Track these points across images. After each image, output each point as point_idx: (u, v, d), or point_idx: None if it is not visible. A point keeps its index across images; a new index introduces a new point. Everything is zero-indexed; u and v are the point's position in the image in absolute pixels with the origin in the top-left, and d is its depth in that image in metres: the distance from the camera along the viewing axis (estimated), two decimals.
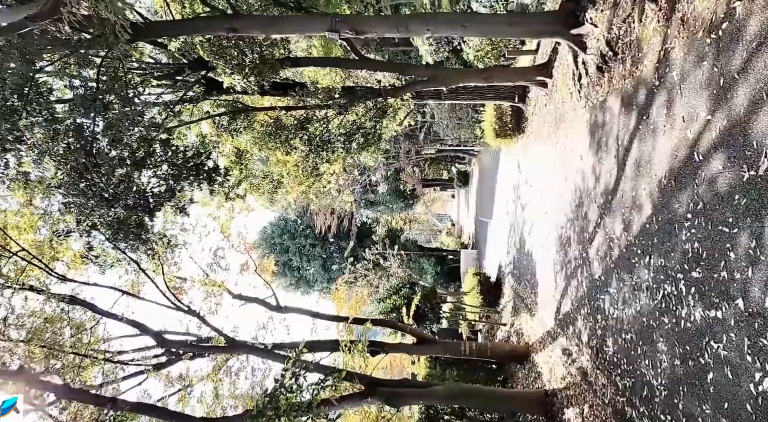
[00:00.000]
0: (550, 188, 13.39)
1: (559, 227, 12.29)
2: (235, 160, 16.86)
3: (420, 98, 16.31)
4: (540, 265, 14.61)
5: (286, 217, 39.46)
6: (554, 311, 12.72)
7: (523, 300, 17.06)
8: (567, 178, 11.65)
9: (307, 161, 14.50)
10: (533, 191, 15.90)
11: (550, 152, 13.59)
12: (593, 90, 9.84)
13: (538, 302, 14.85)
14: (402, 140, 31.68)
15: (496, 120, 17.74)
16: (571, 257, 11.23)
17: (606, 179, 8.97)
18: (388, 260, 25.00)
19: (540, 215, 14.71)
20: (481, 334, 23.56)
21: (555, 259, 12.68)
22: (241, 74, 12.51)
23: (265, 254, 38.01)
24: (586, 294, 10.01)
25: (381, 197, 41.14)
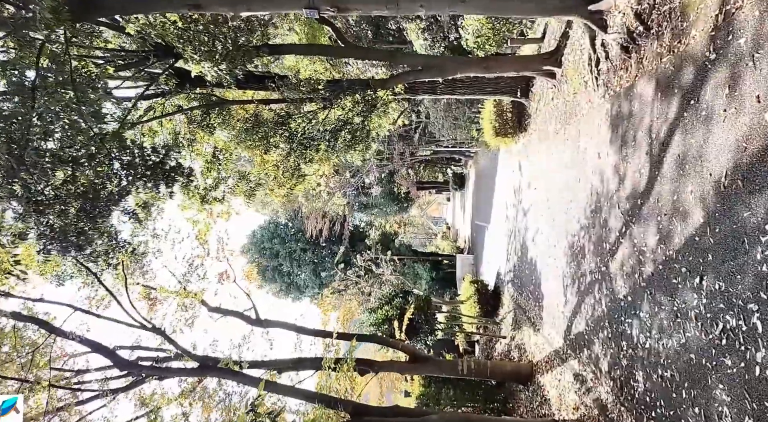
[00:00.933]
0: (558, 192, 11.85)
1: (570, 234, 10.74)
2: (212, 160, 15.24)
3: (413, 93, 14.76)
4: (546, 276, 13.06)
5: (277, 221, 37.81)
6: (564, 329, 11.16)
7: (526, 313, 15.51)
8: (580, 179, 10.10)
9: (287, 160, 12.91)
10: (537, 195, 14.37)
11: (558, 151, 12.06)
12: (615, 76, 8.30)
13: (543, 316, 13.30)
14: (396, 141, 30.14)
15: (495, 117, 16.21)
16: (585, 269, 9.68)
17: (634, 180, 7.42)
18: (381, 267, 23.43)
19: (546, 220, 13.17)
20: (479, 346, 21.98)
21: (565, 271, 11.13)
22: (211, 61, 10.94)
23: (254, 260, 36.34)
24: (606, 315, 8.45)
25: (375, 200, 39.56)
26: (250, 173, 14.06)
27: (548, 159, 13.07)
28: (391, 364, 14.08)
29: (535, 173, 14.80)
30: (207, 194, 15.57)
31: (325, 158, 13.02)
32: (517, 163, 17.69)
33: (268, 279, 36.33)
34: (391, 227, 43.76)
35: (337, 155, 12.55)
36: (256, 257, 36.09)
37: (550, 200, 12.76)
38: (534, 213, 14.80)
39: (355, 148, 12.32)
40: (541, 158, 13.92)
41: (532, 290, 14.66)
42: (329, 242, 36.17)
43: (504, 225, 20.52)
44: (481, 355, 21.04)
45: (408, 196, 40.24)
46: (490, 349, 20.14)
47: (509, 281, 18.92)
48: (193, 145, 15.36)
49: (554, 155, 12.42)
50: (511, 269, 18.62)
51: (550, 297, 12.62)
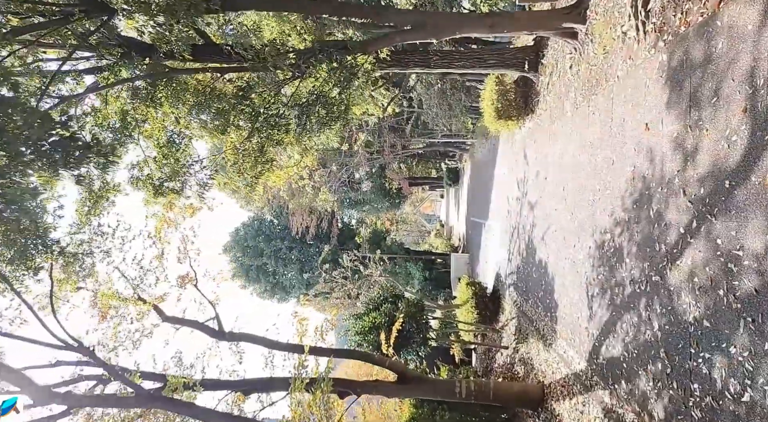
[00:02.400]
0: (579, 179, 9.49)
1: (599, 232, 8.38)
2: (165, 143, 12.75)
3: (403, 66, 12.33)
4: (561, 282, 10.71)
5: (262, 218, 35.29)
6: (588, 349, 8.82)
7: (533, 323, 13.17)
8: (615, 161, 7.73)
9: (249, 142, 10.47)
10: (548, 185, 12.01)
11: (579, 130, 9.69)
12: (678, 12, 5.92)
13: (557, 330, 10.96)
14: (386, 133, 27.71)
15: (498, 97, 13.82)
16: (623, 277, 7.31)
17: (716, 153, 5.05)
18: (369, 267, 21.03)
19: (561, 215, 10.81)
20: (476, 356, 19.65)
21: (590, 277, 8.77)
22: (146, 14, 8.51)
23: (237, 259, 33.82)
24: (661, 342, 6.09)
25: (365, 196, 37.13)
26: (203, 159, 11.60)
27: (564, 142, 10.69)
28: (377, 385, 11.69)
29: (545, 160, 12.44)
30: (162, 184, 13.12)
31: (297, 140, 10.58)
32: (521, 151, 15.32)
33: (251, 279, 33.83)
34: (382, 225, 41.35)
35: (310, 135, 10.12)
36: (239, 255, 33.58)
37: (566, 190, 10.40)
38: (544, 207, 12.44)
39: (331, 125, 9.89)
40: (554, 141, 11.56)
41: (542, 297, 12.31)
42: (317, 240, 33.73)
43: (505, 222, 18.17)
44: (480, 367, 18.71)
45: (400, 192, 37.82)
46: (490, 360, 17.80)
47: (511, 285, 16.58)
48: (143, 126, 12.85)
49: (573, 136, 10.05)
50: (514, 271, 16.28)
51: (567, 308, 10.27)
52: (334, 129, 10.10)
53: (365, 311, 17.66)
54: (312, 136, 10.10)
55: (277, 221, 35.19)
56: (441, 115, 23.29)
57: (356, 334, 16.54)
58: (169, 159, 13.04)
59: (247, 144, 10.50)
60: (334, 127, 10.05)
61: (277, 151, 11.86)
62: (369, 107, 19.95)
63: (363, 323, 16.65)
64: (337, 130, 10.18)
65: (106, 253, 13.46)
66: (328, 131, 10.06)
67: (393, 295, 18.12)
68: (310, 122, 9.99)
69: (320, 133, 10.08)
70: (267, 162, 11.23)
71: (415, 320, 16.10)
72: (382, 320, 16.41)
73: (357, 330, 16.58)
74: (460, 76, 21.57)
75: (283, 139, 10.61)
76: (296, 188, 27.14)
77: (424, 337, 16.02)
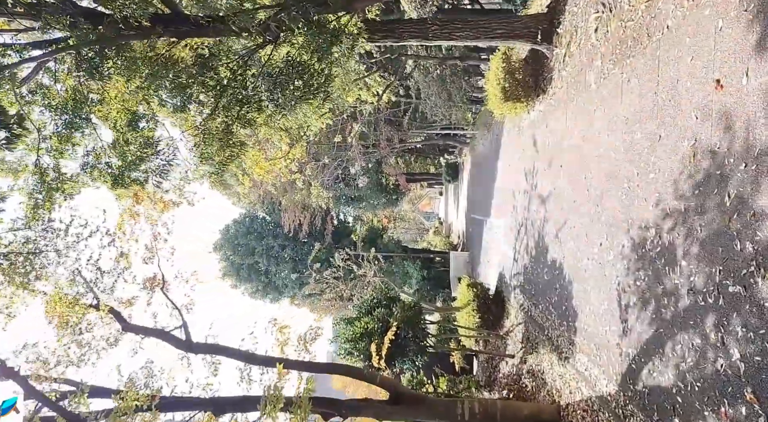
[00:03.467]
0: (608, 164, 7.73)
1: (638, 227, 6.62)
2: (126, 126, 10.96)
3: (397, 37, 10.56)
4: (582, 287, 8.95)
5: (254, 214, 33.51)
6: (621, 371, 7.07)
7: (545, 331, 11.43)
8: (664, 136, 5.97)
9: (213, 120, 8.70)
10: (565, 175, 10.25)
11: (608, 104, 7.93)
12: None
13: (576, 342, 9.21)
14: (382, 125, 25.94)
15: (505, 76, 12.04)
16: (677, 286, 5.56)
17: None
18: (363, 267, 19.27)
19: (581, 208, 9.06)
20: (478, 363, 17.92)
21: (623, 283, 7.02)
22: None
23: (227, 257, 32.05)
24: (745, 378, 4.34)
25: (361, 192, 35.34)
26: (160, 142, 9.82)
27: (586, 122, 8.93)
28: (366, 405, 9.95)
29: (560, 146, 10.68)
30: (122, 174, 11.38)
31: (270, 119, 8.81)
32: (530, 139, 13.56)
33: (243, 279, 32.07)
34: (379, 222, 39.58)
35: (284, 113, 8.35)
36: (230, 254, 31.82)
37: (590, 178, 8.64)
38: (558, 200, 10.69)
39: (309, 100, 8.12)
40: (573, 123, 9.80)
41: (556, 303, 10.57)
42: (311, 237, 31.98)
43: (510, 218, 16.41)
44: (482, 376, 16.98)
45: (397, 188, 36.02)
46: (493, 369, 16.07)
47: (517, 287, 14.84)
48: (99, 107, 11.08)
49: (599, 113, 8.29)
50: (521, 271, 14.53)
51: (589, 317, 8.51)
52: (313, 105, 8.32)
53: (357, 316, 15.93)
54: (287, 113, 8.32)
55: (269, 218, 33.45)
56: (440, 105, 21.53)
57: (346, 341, 14.78)
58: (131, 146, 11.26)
59: (211, 124, 8.74)
60: (312, 102, 8.28)
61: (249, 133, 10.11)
62: (361, 92, 18.19)
63: (354, 329, 14.90)
64: (316, 106, 8.40)
65: (58, 252, 11.73)
66: (306, 107, 8.28)
67: (387, 297, 16.37)
68: (284, 95, 8.22)
69: (297, 109, 8.30)
70: (236, 146, 9.45)
71: (411, 325, 14.35)
72: (375, 325, 14.67)
73: (347, 337, 14.82)
74: (461, 61, 19.81)
75: (254, 118, 8.85)
76: (287, 183, 25.39)
77: (421, 345, 14.28)
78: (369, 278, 19.41)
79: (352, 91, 18.32)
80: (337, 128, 23.37)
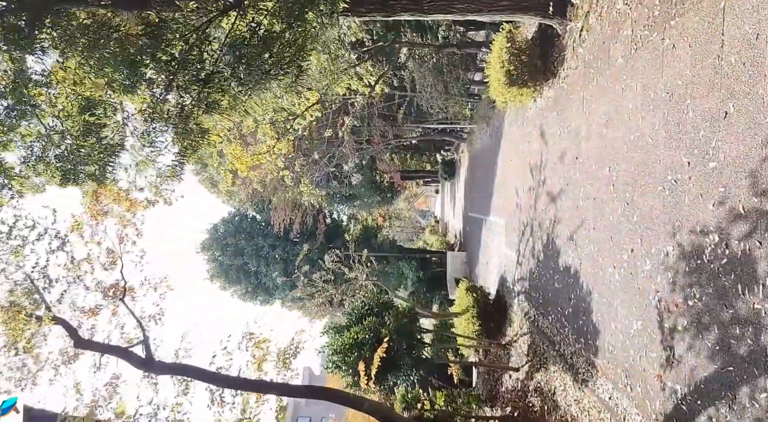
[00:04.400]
0: (644, 153, 6.25)
1: (689, 230, 5.14)
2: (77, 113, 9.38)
3: (388, 10, 9.04)
4: (606, 299, 7.47)
5: (242, 213, 31.93)
6: (663, 409, 5.59)
7: (555, 346, 9.97)
8: (732, 112, 4.49)
9: (161, 104, 7.18)
10: (582, 168, 8.77)
11: (642, 79, 6.43)
12: None
13: (597, 364, 7.75)
14: (376, 119, 24.40)
15: (509, 58, 10.54)
16: (758, 313, 4.09)
17: None
18: (354, 270, 17.77)
19: (603, 206, 7.59)
20: (477, 374, 16.45)
21: (667, 300, 5.54)
22: None
23: (215, 258, 30.48)
24: None
25: (355, 190, 33.79)
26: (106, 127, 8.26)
27: (611, 103, 7.44)
28: None
29: (575, 136, 9.19)
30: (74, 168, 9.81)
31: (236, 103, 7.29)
32: (536, 130, 12.08)
33: (231, 280, 30.51)
34: (374, 221, 38.05)
35: (249, 93, 6.83)
36: (218, 254, 30.24)
37: (616, 171, 7.15)
38: (573, 197, 9.20)
39: (279, 76, 6.61)
40: (592, 107, 8.31)
41: (571, 315, 9.10)
42: (303, 237, 30.44)
43: (512, 217, 14.94)
44: (483, 389, 15.51)
45: (392, 186, 34.49)
46: (495, 382, 14.60)
47: (521, 293, 13.38)
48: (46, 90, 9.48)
49: (629, 92, 6.80)
50: (525, 276, 13.07)
51: (617, 337, 7.04)
52: (284, 82, 6.79)
53: (347, 324, 14.44)
54: (252, 93, 6.80)
55: (260, 217, 31.89)
56: (436, 96, 20.02)
57: (334, 353, 13.25)
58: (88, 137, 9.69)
59: (164, 107, 7.22)
60: (283, 79, 6.76)
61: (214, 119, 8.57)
62: (351, 81, 16.66)
63: (343, 339, 13.39)
64: (288, 84, 6.88)
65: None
66: (275, 86, 6.76)
67: (380, 304, 14.87)
68: (249, 71, 6.69)
69: (264, 88, 6.78)
70: (198, 134, 7.91)
71: (406, 336, 12.87)
72: (366, 336, 13.17)
73: (335, 348, 13.30)
74: (458, 49, 18.30)
75: (217, 100, 7.32)
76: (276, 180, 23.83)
77: (416, 360, 12.79)
78: (361, 282, 17.90)
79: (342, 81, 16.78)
80: (327, 122, 21.83)
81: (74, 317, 12.12)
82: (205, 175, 31.01)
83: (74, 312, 12.25)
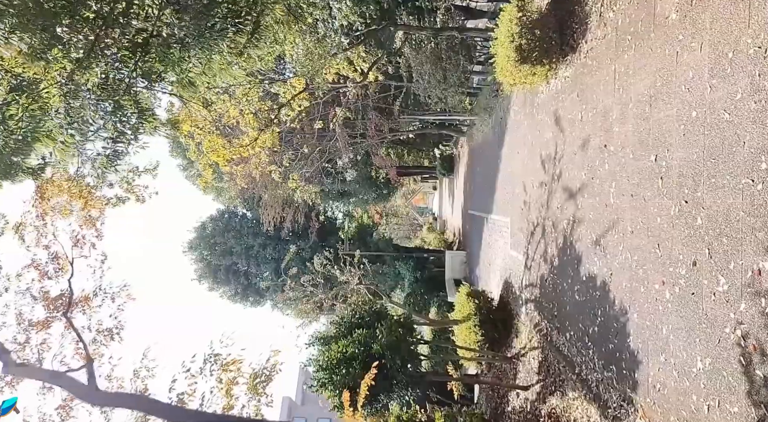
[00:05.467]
0: (717, 135, 4.60)
1: None
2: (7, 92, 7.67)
3: None
4: (651, 322, 5.83)
5: (232, 211, 30.24)
6: None
7: (576, 369, 8.34)
8: None
9: (88, 72, 5.52)
10: (613, 158, 7.11)
11: (711, 35, 4.78)
12: None
13: (636, 401, 6.12)
14: (370, 110, 22.71)
15: (521, 31, 8.87)
16: None
17: None
18: (345, 273, 16.13)
19: (644, 204, 5.93)
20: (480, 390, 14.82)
21: (758, 337, 3.89)
22: None
23: (203, 257, 28.81)
24: None
25: (350, 186, 32.11)
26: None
27: (661, 71, 5.78)
28: None
29: (604, 118, 7.54)
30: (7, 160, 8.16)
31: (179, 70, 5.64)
32: (551, 115, 10.41)
33: (220, 281, 28.85)
34: (370, 219, 36.38)
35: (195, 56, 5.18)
36: (206, 254, 28.57)
37: (665, 159, 5.49)
38: (599, 193, 7.55)
39: (228, 34, 4.96)
40: (632, 79, 6.64)
41: (597, 335, 7.46)
42: (295, 236, 28.80)
43: (520, 216, 13.30)
44: (486, 407, 13.89)
45: (389, 182, 32.81)
46: (500, 399, 12.98)
47: (530, 302, 11.76)
48: None
49: (693, 52, 5.14)
50: (536, 282, 11.44)
51: (668, 373, 5.40)
52: (238, 43, 5.13)
53: (335, 334, 12.82)
54: (196, 56, 5.14)
55: (250, 215, 30.22)
56: (434, 84, 18.31)
57: (320, 369, 11.61)
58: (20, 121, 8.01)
59: (86, 77, 5.57)
60: (236, 39, 5.10)
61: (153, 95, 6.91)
62: (341, 65, 14.97)
63: (330, 353, 11.73)
64: (243, 45, 5.21)
65: None
66: (224, 47, 5.10)
67: (372, 312, 13.23)
68: (194, 27, 5.02)
69: (212, 49, 5.12)
70: (139, 114, 6.24)
71: (400, 351, 11.24)
72: (355, 350, 11.54)
73: (321, 363, 11.64)
74: (459, 32, 16.58)
75: (155, 67, 5.66)
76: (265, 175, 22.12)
77: (411, 379, 11.14)
78: (352, 286, 16.27)
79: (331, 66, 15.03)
80: (317, 114, 20.13)
81: (20, 331, 10.46)
82: (193, 171, 29.31)
83: (20, 325, 10.60)
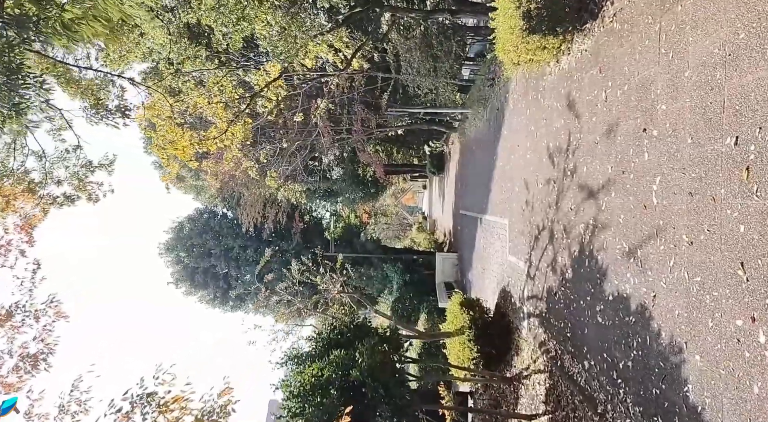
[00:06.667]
0: None
1: None
2: None
3: None
4: (723, 371, 4.12)
5: (211, 210, 28.27)
6: None
7: (598, 409, 6.63)
8: None
9: None
10: (657, 146, 5.40)
11: None
12: None
13: None
14: (356, 103, 20.91)
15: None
16: None
17: None
18: (326, 281, 14.34)
19: (712, 206, 4.22)
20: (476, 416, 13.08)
21: None
22: None
23: (179, 260, 26.81)
24: None
25: (337, 184, 30.26)
26: None
27: (740, 19, 4.08)
28: None
29: (644, 94, 5.82)
30: None
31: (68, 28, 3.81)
32: (562, 99, 8.70)
33: (197, 284, 26.88)
34: (357, 218, 34.58)
35: None
36: (183, 256, 26.57)
37: (749, 140, 3.79)
38: (635, 191, 5.84)
39: None
40: (691, 38, 4.94)
41: (633, 374, 5.75)
42: (277, 237, 26.92)
43: (520, 217, 11.60)
44: None
45: (377, 181, 31.02)
46: None
47: (534, 316, 10.07)
48: None
49: None
50: (541, 295, 9.73)
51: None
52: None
53: (310, 352, 11.07)
54: None
55: (231, 214, 28.27)
56: (424, 73, 16.57)
57: (292, 396, 9.80)
58: None
59: None
60: None
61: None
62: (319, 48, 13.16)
63: (303, 377, 9.94)
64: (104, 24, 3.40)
65: None
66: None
67: (352, 327, 11.46)
68: None
69: None
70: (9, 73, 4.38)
71: (383, 376, 9.49)
72: (332, 374, 9.78)
73: (293, 390, 9.83)
74: (452, 15, 14.84)
75: None
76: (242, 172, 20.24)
77: (396, 405, 9.38)
78: (333, 294, 14.48)
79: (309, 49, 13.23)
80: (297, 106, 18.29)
81: None
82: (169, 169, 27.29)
83: None
